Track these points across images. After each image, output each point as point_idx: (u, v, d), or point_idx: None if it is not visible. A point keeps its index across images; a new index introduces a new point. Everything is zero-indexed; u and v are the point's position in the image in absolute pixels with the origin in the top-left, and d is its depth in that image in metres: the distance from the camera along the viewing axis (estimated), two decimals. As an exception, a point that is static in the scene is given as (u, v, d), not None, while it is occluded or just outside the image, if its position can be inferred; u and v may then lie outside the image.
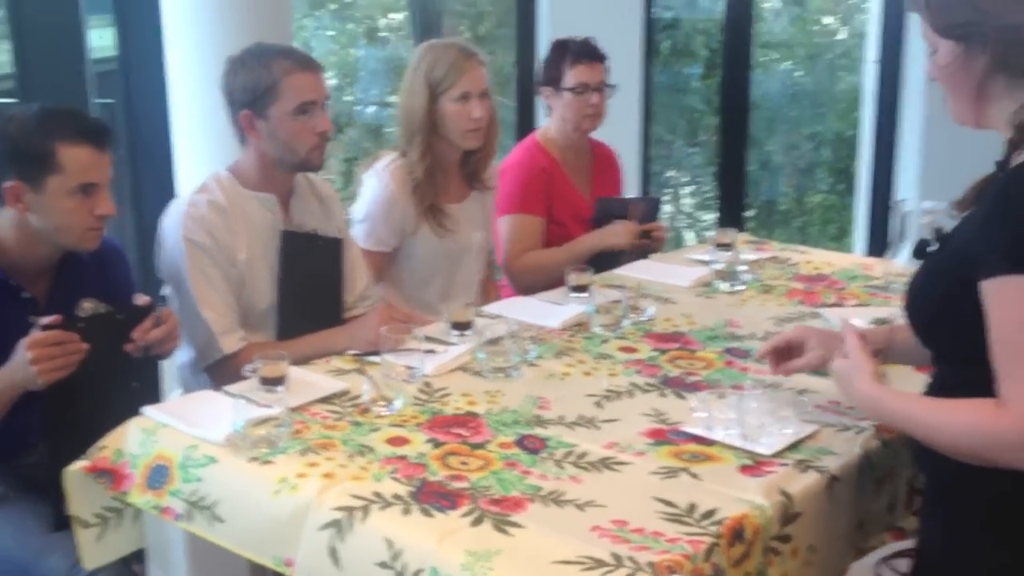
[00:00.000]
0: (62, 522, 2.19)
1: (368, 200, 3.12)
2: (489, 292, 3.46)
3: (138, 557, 2.23)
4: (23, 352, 2.16)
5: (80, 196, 2.31)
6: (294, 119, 2.64)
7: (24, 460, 2.42)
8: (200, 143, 3.63)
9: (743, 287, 3.07)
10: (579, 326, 2.70)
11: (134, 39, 4.31)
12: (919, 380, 1.97)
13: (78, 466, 2.10)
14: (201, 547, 2.08)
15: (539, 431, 2.09)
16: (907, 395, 1.84)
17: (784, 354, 2.19)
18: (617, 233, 3.47)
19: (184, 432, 2.07)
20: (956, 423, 1.69)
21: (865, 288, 3.12)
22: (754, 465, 1.93)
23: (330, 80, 7.76)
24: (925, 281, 1.86)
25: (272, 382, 2.16)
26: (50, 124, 2.30)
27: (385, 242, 3.12)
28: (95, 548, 2.15)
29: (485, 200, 3.36)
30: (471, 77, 3.10)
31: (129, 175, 4.23)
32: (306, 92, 2.65)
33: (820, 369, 2.15)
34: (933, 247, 1.88)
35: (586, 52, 3.54)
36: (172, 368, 2.87)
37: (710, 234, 4.51)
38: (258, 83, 2.63)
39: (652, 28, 5.85)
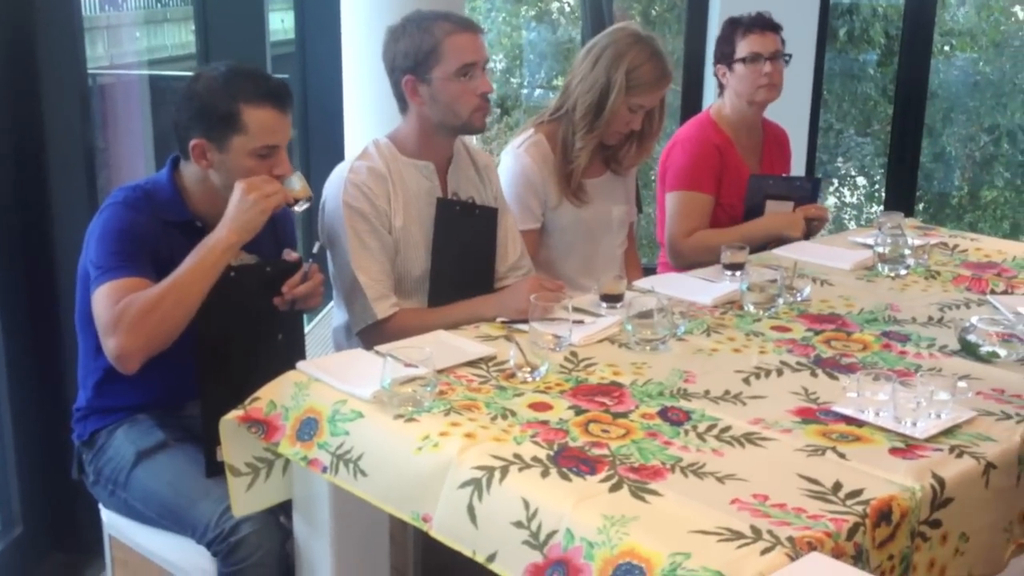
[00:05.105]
0: (215, 469, 2.26)
1: (506, 181, 3.11)
2: (631, 265, 3.41)
3: (285, 509, 2.28)
4: (239, 191, 2.29)
5: (260, 157, 2.36)
6: (456, 81, 2.64)
7: (185, 411, 2.50)
8: (369, 117, 3.70)
9: (906, 271, 2.97)
10: (731, 303, 2.66)
11: (312, 21, 4.46)
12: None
13: (233, 415, 2.16)
14: (345, 502, 2.13)
15: (683, 404, 2.06)
16: None
17: None
18: (793, 225, 3.39)
19: (334, 387, 2.11)
20: None
21: (1038, 277, 2.98)
22: (905, 448, 1.87)
23: (498, 63, 7.84)
24: None
25: None
26: (236, 85, 2.35)
27: (531, 218, 3.11)
28: (245, 496, 2.21)
29: (625, 176, 3.32)
30: (657, 96, 3.09)
31: (301, 144, 4.37)
32: (467, 53, 2.65)
33: None
34: None
35: (758, 22, 3.45)
36: (328, 330, 2.94)
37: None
38: (420, 47, 2.64)
39: (829, 12, 5.71)
